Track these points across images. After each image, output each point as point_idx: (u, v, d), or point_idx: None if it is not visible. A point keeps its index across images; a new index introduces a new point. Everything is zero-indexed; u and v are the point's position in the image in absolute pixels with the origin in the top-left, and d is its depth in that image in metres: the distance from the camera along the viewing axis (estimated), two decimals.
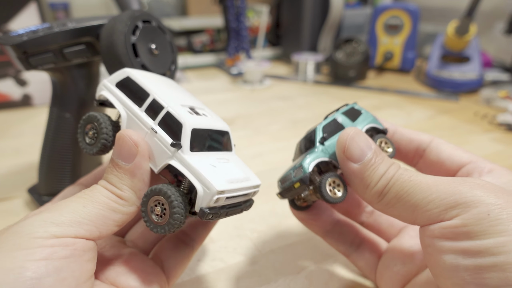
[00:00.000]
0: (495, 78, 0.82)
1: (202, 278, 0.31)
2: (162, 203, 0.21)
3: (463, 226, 0.17)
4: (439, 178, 0.19)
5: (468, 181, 0.19)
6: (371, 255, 0.28)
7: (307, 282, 0.30)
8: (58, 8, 1.01)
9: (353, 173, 0.22)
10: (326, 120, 0.26)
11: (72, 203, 0.20)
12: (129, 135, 0.22)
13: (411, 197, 0.19)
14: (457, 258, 0.17)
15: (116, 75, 0.25)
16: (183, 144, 0.21)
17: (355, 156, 0.22)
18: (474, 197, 0.17)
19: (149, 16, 0.30)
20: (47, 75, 0.34)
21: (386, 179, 0.21)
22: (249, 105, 0.74)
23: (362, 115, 0.27)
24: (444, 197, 0.18)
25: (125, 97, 0.24)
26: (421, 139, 0.27)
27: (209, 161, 0.22)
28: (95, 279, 0.23)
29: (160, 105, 0.22)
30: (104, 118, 0.24)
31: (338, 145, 0.23)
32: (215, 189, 0.20)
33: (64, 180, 0.36)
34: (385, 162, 0.21)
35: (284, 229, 0.37)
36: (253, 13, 1.16)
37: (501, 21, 0.92)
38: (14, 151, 0.53)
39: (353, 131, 0.22)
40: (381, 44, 0.96)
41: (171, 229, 0.20)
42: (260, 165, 0.49)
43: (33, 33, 0.30)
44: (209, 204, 0.20)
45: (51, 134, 0.35)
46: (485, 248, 0.16)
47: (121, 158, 0.22)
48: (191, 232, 0.27)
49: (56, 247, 0.17)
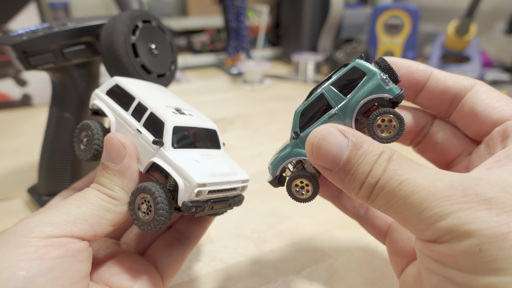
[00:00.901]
0: (495, 78, 0.82)
1: (202, 278, 0.31)
2: (148, 201, 0.21)
3: (452, 256, 0.15)
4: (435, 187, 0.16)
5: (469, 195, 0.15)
6: (380, 222, 0.27)
7: (307, 282, 0.30)
8: (58, 8, 1.01)
9: (333, 180, 0.19)
10: (309, 99, 0.21)
11: (66, 204, 0.20)
12: (117, 137, 0.22)
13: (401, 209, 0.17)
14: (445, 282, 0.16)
15: (107, 83, 0.26)
16: (164, 141, 0.22)
17: (328, 163, 0.18)
18: (468, 225, 0.15)
19: (149, 16, 0.30)
20: (47, 75, 0.34)
21: (371, 183, 0.17)
22: (249, 105, 0.74)
23: (364, 79, 0.20)
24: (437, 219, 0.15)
25: (114, 103, 0.25)
26: (459, 86, 0.22)
27: (192, 156, 0.22)
28: (91, 280, 0.23)
29: (145, 107, 0.23)
30: (96, 125, 0.25)
31: (307, 152, 0.19)
32: (195, 182, 0.20)
33: (64, 180, 0.36)
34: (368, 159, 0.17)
35: (284, 229, 0.37)
36: (253, 13, 1.16)
37: (501, 21, 0.92)
38: (14, 151, 0.53)
39: (320, 133, 0.18)
40: (381, 44, 0.96)
41: (157, 226, 0.21)
42: (260, 165, 0.49)
43: (33, 33, 0.30)
44: (191, 197, 0.20)
45: (51, 134, 0.35)
46: (470, 282, 0.15)
47: (110, 160, 0.22)
48: (185, 230, 0.27)
49: (49, 247, 0.18)
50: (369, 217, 0.27)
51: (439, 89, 0.22)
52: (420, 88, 0.23)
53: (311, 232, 0.37)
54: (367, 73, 0.20)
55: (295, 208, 0.40)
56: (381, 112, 0.19)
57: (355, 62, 0.20)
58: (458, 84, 0.22)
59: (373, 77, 0.19)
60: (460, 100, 0.22)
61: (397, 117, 0.19)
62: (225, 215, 0.37)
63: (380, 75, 0.19)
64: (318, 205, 0.40)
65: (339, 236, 0.36)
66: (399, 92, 0.19)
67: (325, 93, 0.20)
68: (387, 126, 0.20)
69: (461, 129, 0.23)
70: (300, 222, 0.38)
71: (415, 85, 0.23)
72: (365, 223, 0.27)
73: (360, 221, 0.28)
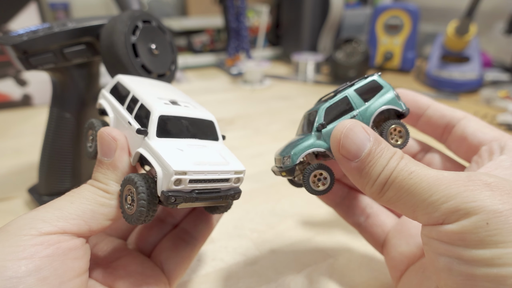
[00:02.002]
0: (495, 78, 0.82)
1: (202, 278, 0.31)
2: (132, 192, 0.20)
3: (461, 233, 0.17)
4: (442, 175, 0.18)
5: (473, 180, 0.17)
6: (378, 230, 0.28)
7: (307, 282, 0.30)
8: (58, 8, 1.01)
9: (350, 171, 0.21)
10: (334, 98, 0.23)
11: (59, 200, 0.20)
12: (108, 131, 0.22)
13: (411, 197, 0.18)
14: (452, 262, 0.17)
15: (111, 82, 0.26)
16: (149, 131, 0.21)
17: (351, 154, 0.20)
18: (475, 202, 0.16)
19: (149, 16, 0.30)
20: (47, 75, 0.34)
21: (386, 176, 0.19)
22: (249, 105, 0.74)
23: (381, 92, 0.23)
24: (444, 201, 0.17)
25: (114, 100, 0.25)
26: (453, 115, 0.26)
27: (177, 145, 0.21)
28: (95, 281, 0.23)
29: (136, 99, 0.23)
30: (99, 123, 0.25)
31: (332, 142, 0.21)
32: (171, 169, 0.19)
33: (64, 180, 0.36)
34: (385, 154, 0.20)
35: (284, 229, 0.37)
36: (253, 13, 1.16)
37: (501, 21, 0.92)
38: (14, 151, 0.53)
39: (348, 125, 0.20)
40: (381, 44, 0.96)
41: (139, 218, 0.20)
42: (260, 165, 0.49)
43: (33, 33, 0.30)
44: (169, 186, 0.19)
45: (51, 134, 0.35)
46: (480, 258, 0.16)
47: (103, 155, 0.22)
48: (192, 229, 0.27)
49: (38, 246, 0.17)
50: (368, 225, 0.29)
51: (437, 116, 0.26)
52: (421, 114, 0.27)
53: (311, 232, 0.37)
54: (384, 87, 0.24)
55: (295, 208, 0.40)
56: (394, 122, 0.23)
57: (375, 76, 0.24)
58: (453, 113, 0.26)
59: (388, 91, 0.24)
60: (453, 127, 0.26)
61: (405, 129, 0.23)
62: (225, 215, 0.37)
63: (395, 91, 0.24)
64: (318, 205, 0.40)
65: (339, 236, 0.36)
66: (406, 108, 0.24)
67: (349, 96, 0.23)
68: (396, 135, 0.23)
69: (454, 152, 0.27)
70: (300, 222, 0.38)
71: (417, 110, 0.27)
72: (364, 231, 0.29)
73: (359, 229, 0.29)
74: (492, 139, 0.23)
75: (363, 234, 0.29)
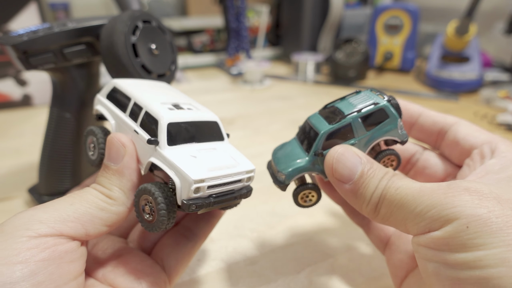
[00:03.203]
0: (495, 78, 0.82)
1: (202, 278, 0.31)
2: (150, 202, 0.21)
3: (444, 239, 0.17)
4: (424, 187, 0.19)
5: (453, 188, 0.18)
6: (382, 232, 0.28)
7: (307, 282, 0.30)
8: (58, 8, 1.01)
9: (346, 194, 0.22)
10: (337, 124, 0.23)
11: (60, 201, 0.20)
12: (118, 137, 0.22)
13: (400, 211, 0.19)
14: (439, 267, 0.18)
15: (106, 87, 0.25)
16: (160, 140, 0.21)
17: (344, 177, 0.21)
18: (455, 208, 0.17)
19: (149, 16, 0.30)
20: (47, 75, 0.34)
21: (377, 195, 0.20)
22: (249, 105, 0.74)
23: (385, 121, 0.23)
24: (428, 210, 0.18)
25: (114, 107, 0.25)
26: (445, 121, 0.26)
27: (190, 152, 0.22)
28: (94, 279, 0.23)
29: (140, 107, 0.23)
30: (99, 130, 0.25)
31: (326, 167, 0.22)
32: (191, 179, 0.19)
33: (64, 180, 0.36)
34: (376, 174, 0.21)
35: (284, 229, 0.37)
36: (253, 13, 1.16)
37: (501, 21, 0.92)
38: (14, 151, 0.53)
39: (339, 150, 0.22)
40: (381, 44, 0.96)
41: (161, 226, 0.20)
42: (260, 165, 0.49)
43: (33, 33, 0.30)
44: (189, 195, 0.20)
45: (51, 134, 0.35)
46: (463, 261, 0.16)
47: (110, 160, 0.22)
48: (193, 226, 0.27)
49: (34, 249, 0.17)
50: (372, 227, 0.29)
51: (429, 123, 0.27)
52: (414, 122, 0.28)
53: (311, 232, 0.37)
54: (390, 117, 0.23)
55: (295, 208, 0.40)
56: (389, 152, 0.24)
57: (385, 105, 0.23)
58: (444, 119, 0.26)
59: (394, 121, 0.24)
60: (445, 133, 0.26)
61: (398, 158, 0.25)
62: (225, 215, 0.37)
63: (399, 121, 0.24)
64: (318, 205, 0.40)
65: (339, 236, 0.36)
66: (406, 138, 0.24)
67: (352, 124, 0.23)
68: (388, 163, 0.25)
69: (447, 156, 0.27)
70: (300, 222, 0.38)
71: (409, 118, 0.28)
72: (368, 232, 0.30)
73: (364, 229, 0.30)
74: (483, 142, 0.24)
75: (368, 234, 0.30)
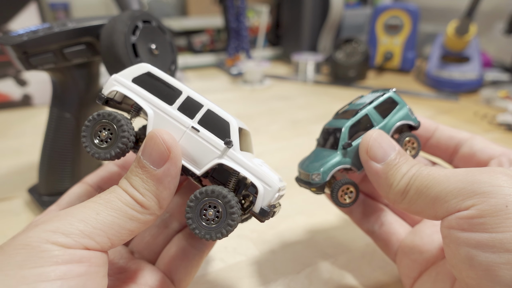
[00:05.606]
0: (495, 78, 0.82)
1: (202, 278, 0.31)
2: (215, 206, 0.19)
3: (479, 217, 0.17)
4: (457, 170, 0.19)
5: (487, 170, 0.18)
6: (392, 238, 0.28)
7: (307, 282, 0.30)
8: (58, 8, 1.01)
9: (376, 173, 0.23)
10: (356, 116, 0.25)
11: (84, 209, 0.18)
12: (163, 137, 0.19)
13: (430, 190, 0.19)
14: (472, 251, 0.17)
15: (132, 69, 0.22)
16: (234, 142, 0.20)
17: (378, 156, 0.22)
18: (492, 187, 0.17)
19: (149, 16, 0.30)
20: (47, 75, 0.34)
21: (408, 177, 0.21)
22: (249, 105, 0.74)
23: (396, 108, 0.26)
24: (462, 187, 0.18)
25: (149, 94, 0.22)
26: (461, 137, 0.27)
27: (254, 160, 0.21)
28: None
29: (198, 103, 0.21)
30: (123, 116, 0.21)
31: (361, 147, 0.24)
32: (277, 187, 0.19)
33: (64, 180, 0.37)
34: (408, 162, 0.22)
35: (284, 229, 0.37)
36: (253, 13, 1.16)
37: (501, 21, 0.92)
38: (14, 151, 0.53)
39: (376, 133, 0.23)
40: (381, 44, 0.96)
41: (229, 231, 0.19)
42: None
43: (33, 33, 0.30)
44: (271, 202, 0.20)
45: (51, 134, 0.35)
46: (499, 242, 0.16)
47: (149, 161, 0.19)
48: None
49: (70, 264, 0.16)
50: (382, 233, 0.29)
51: (445, 136, 0.27)
52: (429, 136, 0.28)
53: (311, 232, 0.37)
54: (399, 103, 0.26)
55: (295, 208, 0.40)
56: (409, 134, 0.26)
57: (391, 93, 0.26)
58: (461, 134, 0.27)
59: (403, 107, 0.26)
60: (460, 147, 0.27)
61: (418, 141, 0.26)
62: None
63: (408, 107, 0.26)
64: (318, 205, 0.40)
65: (339, 236, 0.36)
66: (418, 121, 0.26)
67: (369, 114, 0.25)
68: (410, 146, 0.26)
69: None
70: (300, 222, 0.38)
71: (425, 133, 0.28)
72: (377, 239, 0.29)
73: (373, 237, 0.30)
74: (501, 154, 0.24)
75: (376, 241, 0.29)
